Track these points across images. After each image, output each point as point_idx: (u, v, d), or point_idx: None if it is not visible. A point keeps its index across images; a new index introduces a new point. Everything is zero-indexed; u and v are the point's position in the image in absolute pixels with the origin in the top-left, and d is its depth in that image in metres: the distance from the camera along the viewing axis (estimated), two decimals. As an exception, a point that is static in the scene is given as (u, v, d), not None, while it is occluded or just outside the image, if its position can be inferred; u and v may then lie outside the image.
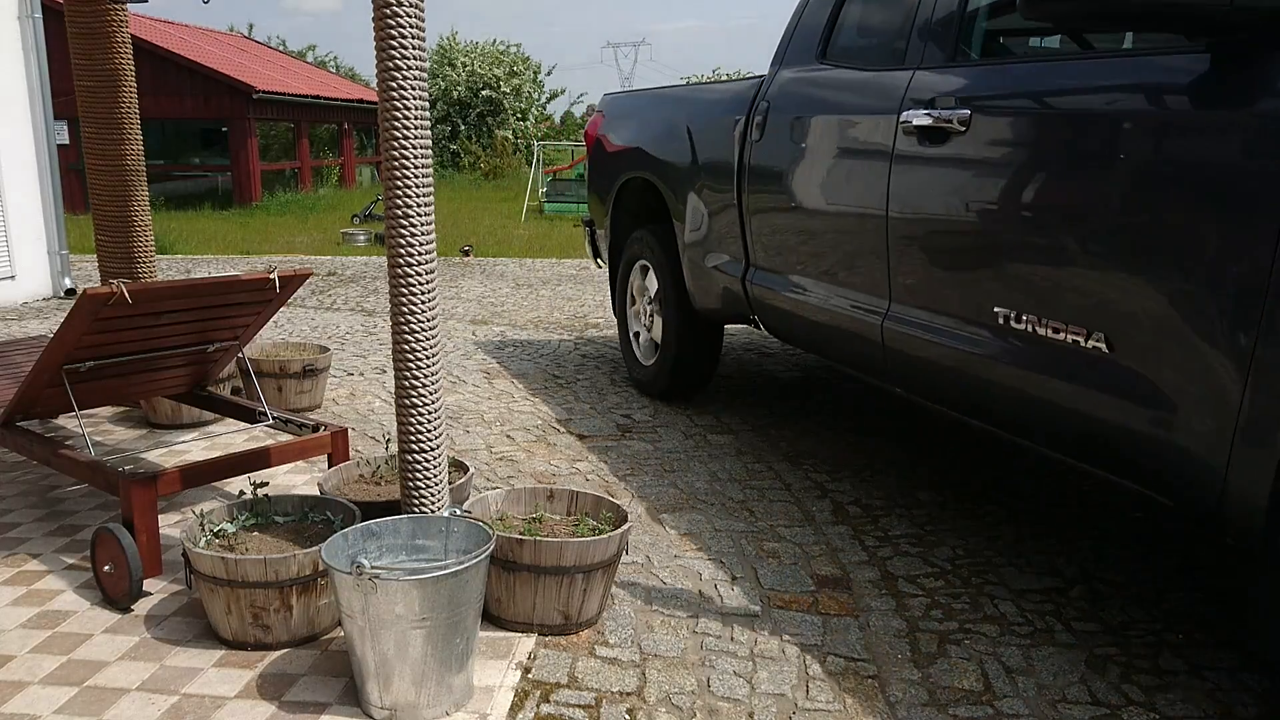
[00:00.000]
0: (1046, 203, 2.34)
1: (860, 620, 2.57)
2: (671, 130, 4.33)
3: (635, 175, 4.67)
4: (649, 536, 3.10)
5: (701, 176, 4.05)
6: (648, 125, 4.61)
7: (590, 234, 5.52)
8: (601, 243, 5.32)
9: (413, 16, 2.30)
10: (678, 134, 4.27)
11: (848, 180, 3.10)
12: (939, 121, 2.67)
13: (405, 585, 2.00)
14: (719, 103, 4.03)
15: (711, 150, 3.99)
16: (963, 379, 2.66)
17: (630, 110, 4.91)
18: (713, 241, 4.01)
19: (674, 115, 4.36)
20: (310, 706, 2.13)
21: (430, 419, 2.48)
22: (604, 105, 5.32)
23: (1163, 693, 2.24)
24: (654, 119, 4.55)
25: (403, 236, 2.37)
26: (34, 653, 2.36)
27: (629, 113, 4.91)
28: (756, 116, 3.67)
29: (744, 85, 3.91)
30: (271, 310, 3.11)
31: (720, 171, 3.90)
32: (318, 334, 6.45)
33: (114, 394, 3.11)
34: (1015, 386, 2.47)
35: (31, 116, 7.55)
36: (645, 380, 4.78)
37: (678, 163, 4.25)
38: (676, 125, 4.30)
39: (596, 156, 5.23)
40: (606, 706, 2.17)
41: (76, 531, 3.10)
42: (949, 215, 2.67)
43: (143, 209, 4.14)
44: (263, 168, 18.87)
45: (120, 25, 3.99)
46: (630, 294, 4.99)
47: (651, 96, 4.80)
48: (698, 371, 4.53)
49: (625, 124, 4.89)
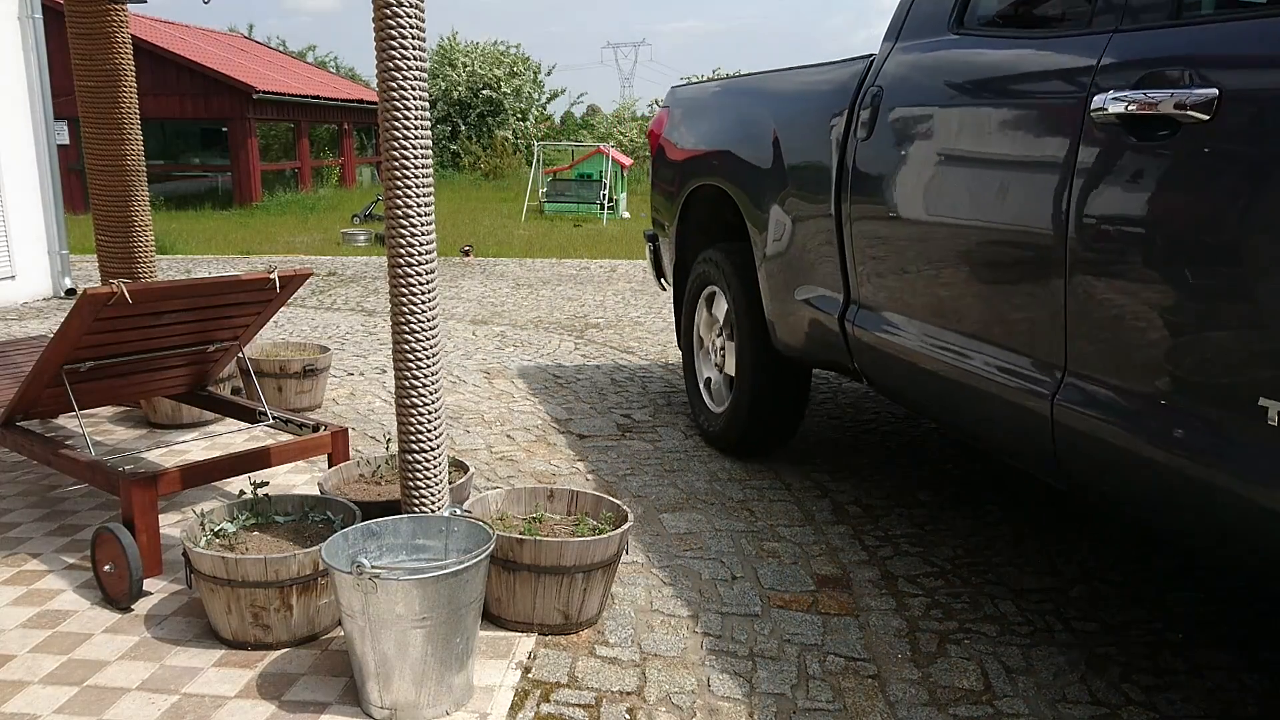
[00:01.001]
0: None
1: (860, 620, 2.57)
2: (750, 127, 3.58)
3: (706, 182, 3.91)
4: (649, 536, 3.10)
5: (788, 185, 3.27)
6: (721, 121, 3.84)
7: (653, 249, 4.73)
8: (666, 260, 4.57)
9: (413, 16, 2.30)
10: (758, 132, 3.49)
11: (999, 195, 2.27)
12: (1158, 108, 1.83)
13: (405, 585, 2.00)
14: (812, 92, 3.24)
15: (801, 152, 3.21)
16: (1186, 499, 1.82)
17: (701, 104, 4.15)
18: (802, 268, 3.21)
19: (753, 109, 3.59)
20: (310, 706, 2.13)
21: (430, 419, 2.48)
22: (670, 99, 4.55)
23: (1163, 693, 2.24)
24: (729, 114, 3.80)
25: (403, 236, 2.37)
26: (34, 652, 2.36)
27: (699, 107, 4.15)
28: (863, 109, 2.85)
29: (844, 69, 3.11)
30: (271, 310, 3.11)
31: (813, 179, 3.11)
32: (318, 334, 6.45)
33: (114, 394, 3.11)
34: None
35: (31, 116, 7.55)
36: (714, 431, 3.91)
37: (757, 167, 3.47)
38: (756, 121, 3.53)
39: (661, 159, 4.46)
40: (606, 706, 2.17)
41: (76, 531, 3.10)
42: (1173, 249, 1.80)
43: (143, 209, 4.14)
44: (263, 168, 18.87)
45: (120, 25, 3.99)
46: (697, 324, 4.21)
47: (726, 87, 4.01)
48: (779, 423, 3.70)
49: (695, 121, 4.13)
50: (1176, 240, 1.80)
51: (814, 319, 3.17)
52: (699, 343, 4.21)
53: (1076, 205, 2.04)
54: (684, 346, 4.34)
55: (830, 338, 3.10)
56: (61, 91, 7.69)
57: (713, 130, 3.90)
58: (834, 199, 2.98)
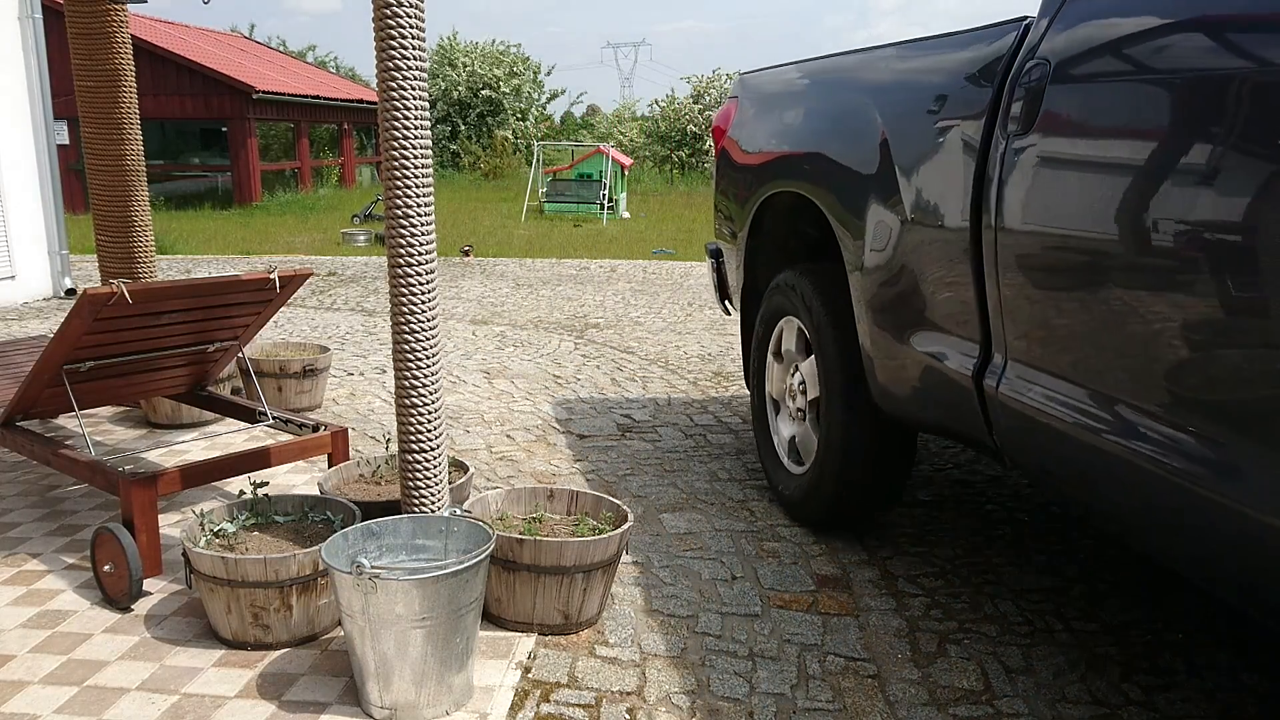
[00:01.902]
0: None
1: (860, 620, 2.57)
2: (846, 121, 2.85)
3: (784, 189, 3.20)
4: (649, 536, 3.10)
5: (899, 195, 2.51)
6: (806, 115, 3.14)
7: (716, 266, 4.02)
8: (733, 281, 3.83)
9: (413, 16, 2.30)
10: (857, 126, 2.76)
11: (1249, 219, 1.51)
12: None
13: (405, 585, 2.00)
14: (935, 74, 2.48)
15: (919, 152, 2.45)
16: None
17: (779, 94, 3.43)
18: (918, 305, 2.47)
19: (850, 99, 2.87)
20: (310, 706, 2.13)
21: (430, 419, 2.48)
22: (739, 89, 3.82)
23: (1163, 693, 2.24)
24: (817, 105, 3.11)
25: (403, 236, 2.37)
26: (34, 652, 2.36)
27: (777, 98, 3.43)
28: (1019, 91, 2.09)
29: (983, 42, 2.32)
30: (272, 310, 3.11)
31: (936, 188, 2.36)
32: (318, 334, 6.45)
33: (114, 394, 3.11)
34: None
35: (31, 116, 7.55)
36: (793, 496, 3.19)
37: (856, 172, 2.72)
38: (855, 113, 2.79)
39: (726, 161, 3.76)
40: (606, 706, 2.17)
41: (76, 531, 3.10)
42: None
43: (143, 209, 4.14)
44: (263, 168, 18.88)
45: (120, 25, 3.99)
46: (770, 363, 3.47)
47: (812, 73, 3.27)
48: (875, 495, 2.98)
49: (771, 114, 3.42)
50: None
51: (934, 373, 2.42)
52: (771, 385, 3.46)
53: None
54: (753, 388, 3.60)
55: (958, 400, 2.34)
56: (61, 91, 7.71)
57: (795, 126, 3.20)
58: (969, 215, 2.22)
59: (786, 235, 3.52)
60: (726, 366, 5.48)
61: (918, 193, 2.45)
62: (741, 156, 3.61)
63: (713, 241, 4.04)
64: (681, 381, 5.15)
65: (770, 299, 3.38)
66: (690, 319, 7.03)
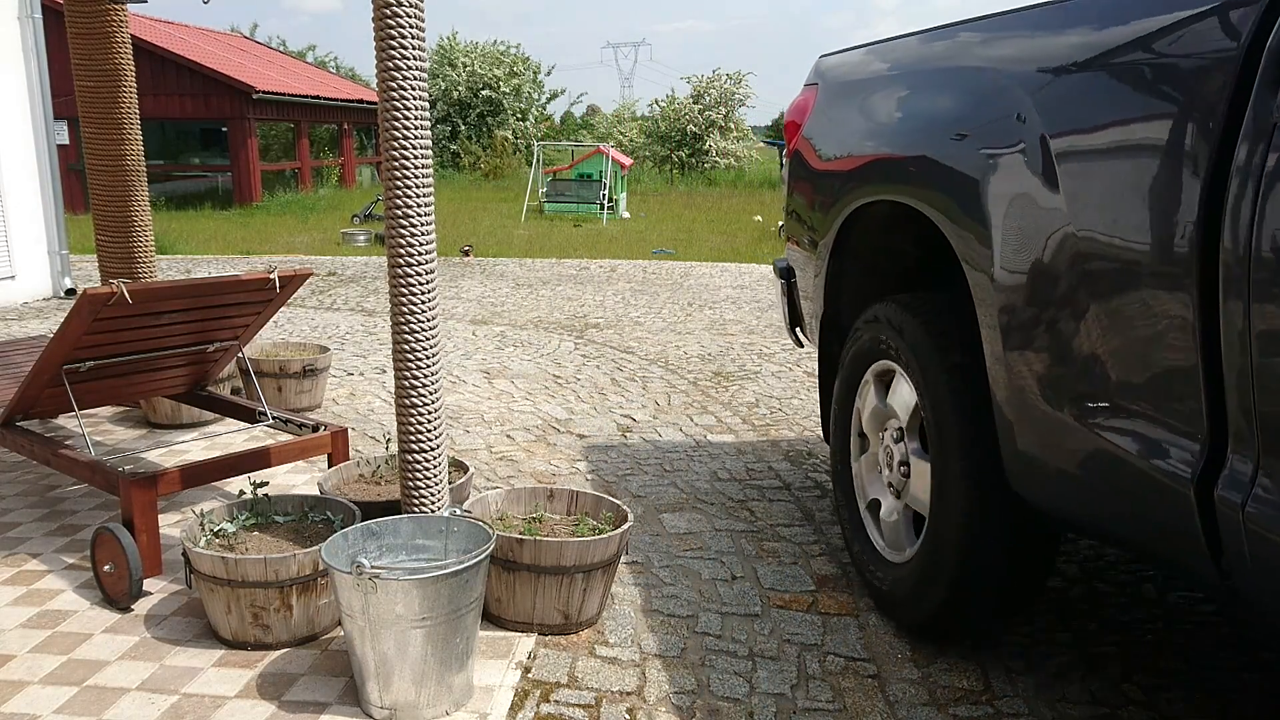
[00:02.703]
0: None
1: (860, 620, 2.57)
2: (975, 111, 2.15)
3: (880, 199, 2.54)
4: (649, 536, 3.10)
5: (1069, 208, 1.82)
6: (915, 105, 2.47)
7: (786, 288, 3.34)
8: (807, 307, 3.18)
9: (413, 16, 2.30)
10: (992, 117, 2.08)
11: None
12: None
13: (405, 585, 2.00)
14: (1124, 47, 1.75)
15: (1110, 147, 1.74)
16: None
17: (875, 79, 2.75)
18: (1098, 368, 1.77)
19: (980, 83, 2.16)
20: (310, 706, 2.13)
21: (430, 419, 2.48)
22: (819, 75, 3.15)
23: (1163, 693, 2.24)
24: (929, 92, 2.41)
25: (403, 236, 2.37)
26: (34, 652, 2.36)
27: (872, 84, 2.76)
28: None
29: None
30: (271, 310, 3.11)
31: (1141, 198, 1.66)
32: (318, 334, 6.45)
33: (114, 394, 3.11)
34: None
35: (31, 117, 7.55)
36: (891, 593, 2.51)
37: (993, 180, 2.04)
38: (989, 100, 2.11)
39: (801, 163, 3.12)
40: (606, 706, 2.17)
41: (76, 531, 3.10)
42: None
43: (143, 209, 4.14)
44: (263, 168, 18.87)
45: (120, 25, 3.99)
46: (859, 414, 2.78)
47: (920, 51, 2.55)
48: (1004, 598, 2.30)
49: (863, 105, 2.77)
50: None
51: (1121, 467, 1.73)
52: (860, 443, 2.80)
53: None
54: (835, 444, 2.91)
55: (1162, 510, 1.66)
56: (61, 91, 7.69)
57: (898, 120, 2.53)
58: (1195, 240, 1.54)
59: (882, 256, 2.88)
60: (726, 366, 5.48)
61: (1102, 206, 1.74)
62: (822, 158, 2.98)
63: (782, 258, 3.37)
64: (681, 381, 5.15)
65: (859, 336, 2.69)
66: (690, 319, 7.03)
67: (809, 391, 4.92)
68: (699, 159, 25.95)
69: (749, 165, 26.73)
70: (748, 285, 8.75)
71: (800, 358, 5.69)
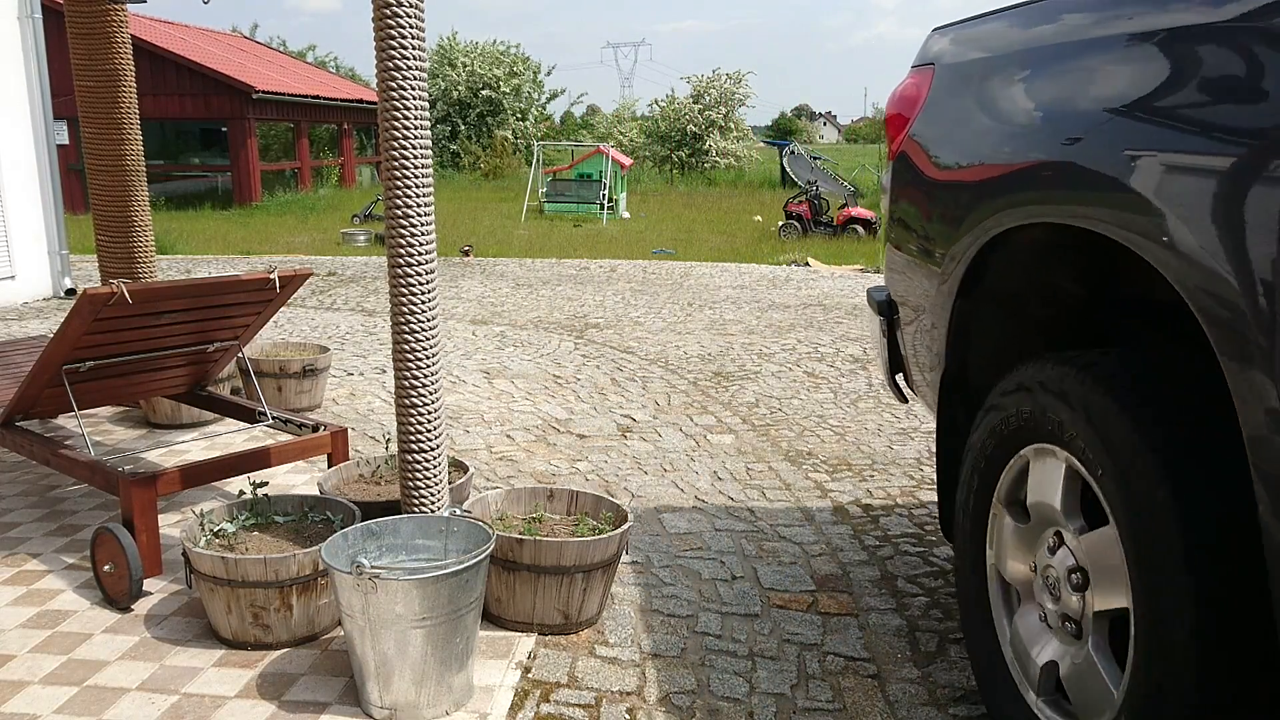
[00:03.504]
0: None
1: (860, 620, 2.57)
2: (1226, 88, 1.38)
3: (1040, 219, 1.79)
4: (649, 536, 3.10)
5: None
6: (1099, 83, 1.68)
7: (886, 324, 2.60)
8: (915, 356, 2.47)
9: (413, 16, 2.30)
10: (1250, 98, 1.32)
11: None
12: None
13: (405, 585, 2.00)
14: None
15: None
16: None
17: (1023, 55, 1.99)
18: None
19: (1218, 55, 1.41)
20: (310, 706, 2.13)
21: (430, 419, 2.48)
22: (935, 53, 2.42)
23: (1162, 692, 2.24)
24: (1123, 72, 1.63)
25: (403, 236, 2.37)
26: (34, 652, 2.36)
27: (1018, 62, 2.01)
28: None
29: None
30: (271, 310, 3.11)
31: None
32: (318, 334, 6.45)
33: (114, 394, 3.11)
34: None
35: (31, 117, 7.55)
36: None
37: (1249, 188, 1.29)
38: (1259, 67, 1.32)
39: (909, 169, 2.42)
40: (606, 706, 2.17)
41: (76, 531, 3.10)
42: None
43: (143, 209, 4.14)
44: (263, 168, 18.88)
45: (120, 25, 3.99)
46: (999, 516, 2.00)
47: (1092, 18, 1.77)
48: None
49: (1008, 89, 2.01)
50: None
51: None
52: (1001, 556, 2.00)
53: None
54: (964, 550, 2.13)
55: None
56: (61, 91, 7.68)
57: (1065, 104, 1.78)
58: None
59: (1035, 296, 2.17)
60: (726, 366, 5.48)
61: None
62: (941, 165, 2.27)
63: (881, 288, 2.64)
64: (681, 381, 5.15)
65: (999, 406, 1.95)
66: (690, 319, 7.03)
67: (809, 391, 4.92)
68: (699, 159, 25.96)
69: (749, 165, 26.75)
70: (747, 285, 8.75)
71: (800, 358, 5.69)
